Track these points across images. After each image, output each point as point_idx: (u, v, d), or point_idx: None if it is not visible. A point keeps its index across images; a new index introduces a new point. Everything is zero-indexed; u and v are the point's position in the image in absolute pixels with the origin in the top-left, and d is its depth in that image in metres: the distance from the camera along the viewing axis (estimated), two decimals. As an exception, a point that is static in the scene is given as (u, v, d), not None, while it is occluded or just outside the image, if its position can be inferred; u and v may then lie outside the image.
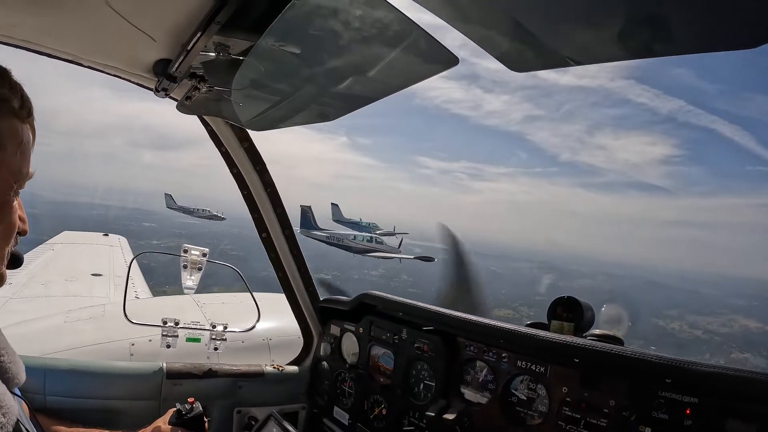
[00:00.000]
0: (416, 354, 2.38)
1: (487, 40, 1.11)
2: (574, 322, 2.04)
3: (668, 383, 1.52)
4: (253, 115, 2.11)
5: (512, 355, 1.99)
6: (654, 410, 1.54)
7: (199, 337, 2.79)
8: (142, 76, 1.90)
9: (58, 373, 2.39)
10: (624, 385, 1.63)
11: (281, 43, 1.47)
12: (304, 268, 2.88)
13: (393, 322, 2.55)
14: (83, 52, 1.75)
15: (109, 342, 3.65)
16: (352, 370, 2.74)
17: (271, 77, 1.69)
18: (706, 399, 1.44)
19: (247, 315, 3.10)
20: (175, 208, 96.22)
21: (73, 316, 4.48)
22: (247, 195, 2.64)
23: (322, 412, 2.94)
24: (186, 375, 2.66)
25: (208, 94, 1.84)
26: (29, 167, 1.32)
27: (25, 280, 6.76)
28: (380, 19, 1.26)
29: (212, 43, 1.50)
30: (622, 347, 1.73)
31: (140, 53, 1.72)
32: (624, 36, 0.97)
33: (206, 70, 1.70)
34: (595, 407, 1.69)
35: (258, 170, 2.58)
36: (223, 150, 2.51)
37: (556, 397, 1.82)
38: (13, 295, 6.02)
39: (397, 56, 1.40)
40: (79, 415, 2.37)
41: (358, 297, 2.77)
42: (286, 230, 2.74)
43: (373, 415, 2.56)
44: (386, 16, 1.23)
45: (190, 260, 2.66)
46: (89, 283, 6.53)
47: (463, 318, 2.18)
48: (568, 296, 2.10)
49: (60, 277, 6.85)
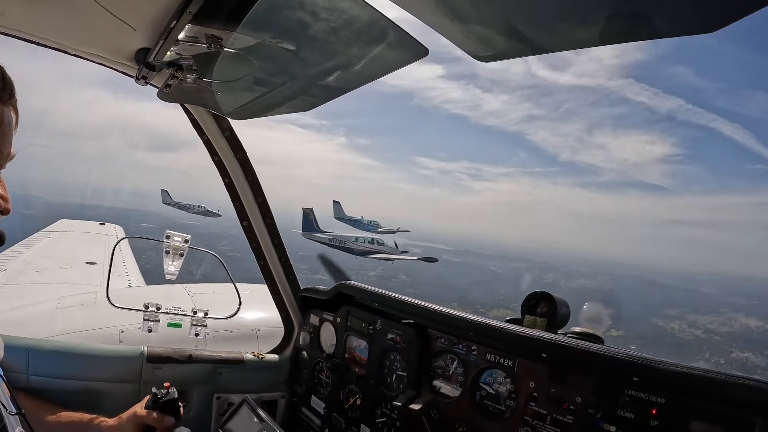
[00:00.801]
0: (389, 345, 2.39)
1: (452, 31, 1.12)
2: (547, 318, 2.06)
3: (635, 381, 1.52)
4: (232, 104, 2.15)
5: (482, 348, 2.00)
6: (620, 408, 1.53)
7: (180, 323, 2.80)
8: (124, 64, 1.94)
9: (42, 354, 2.43)
10: (591, 381, 1.63)
11: (255, 33, 1.51)
12: (285, 258, 2.90)
13: (369, 312, 2.57)
14: (69, 40, 1.81)
15: (99, 329, 3.67)
16: (329, 360, 2.76)
17: (248, 67, 1.72)
18: (673, 399, 1.44)
19: (235, 304, 3.11)
20: (171, 204, 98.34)
21: (65, 302, 4.51)
22: (229, 183, 2.66)
23: (301, 401, 2.97)
24: (166, 359, 2.69)
25: (188, 83, 1.86)
26: (10, 148, 1.35)
27: (20, 267, 6.79)
28: (350, 11, 1.30)
29: (188, 33, 1.53)
30: (589, 344, 1.73)
31: (122, 42, 1.77)
32: (592, 21, 0.97)
33: (184, 59, 1.73)
34: (560, 403, 1.70)
35: (239, 158, 2.60)
36: (205, 138, 2.54)
37: (523, 391, 1.82)
38: (8, 282, 6.05)
39: (368, 47, 1.44)
40: (62, 395, 2.40)
41: (336, 287, 2.79)
42: (267, 219, 2.76)
43: (348, 404, 2.58)
44: (356, 8, 1.26)
45: (172, 246, 2.67)
46: (84, 270, 6.54)
47: (434, 309, 2.19)
48: (542, 291, 2.11)
49: (55, 265, 6.87)
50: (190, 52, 1.65)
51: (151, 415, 2.13)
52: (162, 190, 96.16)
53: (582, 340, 1.78)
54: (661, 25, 0.92)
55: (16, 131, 1.37)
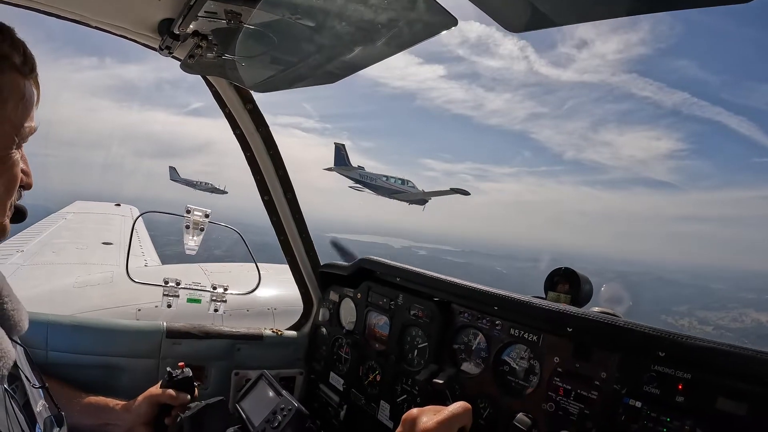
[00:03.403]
0: (411, 320, 2.38)
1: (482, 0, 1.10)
2: (571, 294, 2.03)
3: (661, 357, 1.48)
4: (255, 76, 2.13)
5: (506, 323, 1.98)
6: (645, 384, 1.50)
7: (199, 299, 2.82)
8: (146, 36, 1.93)
9: (61, 329, 2.44)
10: (616, 357, 1.60)
11: (280, 4, 1.48)
12: (305, 233, 2.88)
13: (390, 287, 2.55)
14: (90, 12, 1.79)
15: (116, 307, 3.72)
16: (348, 336, 2.75)
17: (273, 39, 1.69)
18: (699, 375, 1.41)
19: (252, 283, 3.14)
20: (179, 181, 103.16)
21: (82, 281, 4.57)
22: (250, 157, 2.65)
23: (319, 378, 2.97)
24: (185, 335, 2.70)
25: (211, 55, 1.85)
26: (32, 122, 1.36)
27: (37, 248, 6.89)
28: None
29: (214, 2, 1.51)
30: (614, 317, 1.71)
31: (145, 12, 1.76)
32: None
33: (209, 29, 1.72)
34: (585, 379, 1.67)
35: (261, 132, 2.59)
36: (227, 111, 2.52)
37: (547, 367, 1.80)
38: (25, 262, 6.14)
39: (394, 16, 1.40)
40: (80, 370, 2.42)
41: (358, 262, 2.78)
42: (288, 193, 2.75)
43: (368, 381, 2.57)
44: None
45: (192, 221, 2.68)
46: (100, 251, 6.63)
47: (458, 284, 2.17)
48: (566, 267, 2.09)
49: (72, 245, 6.97)
50: (215, 22, 1.64)
51: (167, 393, 2.16)
52: (170, 167, 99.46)
53: None
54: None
55: (37, 106, 1.37)
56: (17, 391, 1.46)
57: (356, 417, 2.67)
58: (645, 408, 1.49)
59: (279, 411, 2.08)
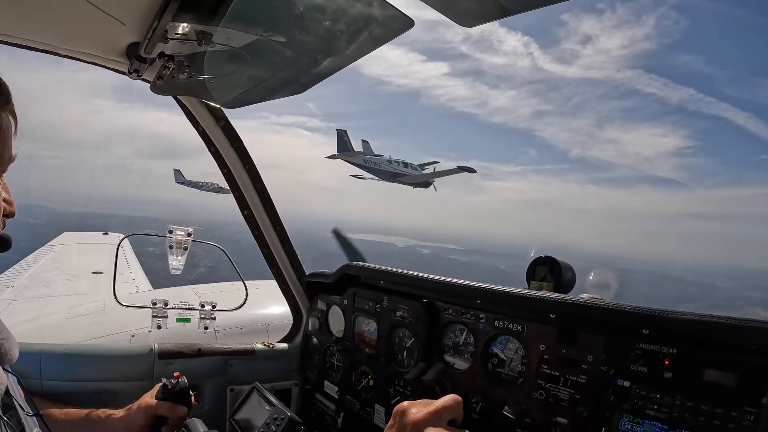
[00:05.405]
0: (398, 321, 2.40)
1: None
2: (552, 282, 2.05)
3: (645, 334, 1.49)
4: (224, 93, 2.17)
5: (490, 316, 1.99)
6: (632, 363, 1.51)
7: (188, 318, 2.83)
8: (115, 61, 1.96)
9: (54, 357, 2.45)
10: (601, 339, 1.61)
11: (242, 22, 1.52)
12: (288, 244, 2.90)
13: (375, 291, 2.57)
14: (58, 41, 1.82)
15: (109, 335, 3.72)
16: (339, 343, 2.77)
17: (237, 56, 1.72)
18: (684, 349, 1.42)
19: (241, 301, 3.13)
20: (184, 183, 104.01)
21: (74, 312, 4.55)
22: (227, 173, 2.67)
23: (314, 388, 2.98)
24: (177, 354, 2.70)
25: (180, 75, 1.88)
26: (11, 152, 1.37)
27: (27, 282, 6.83)
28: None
29: (177, 24, 1.54)
30: (594, 299, 1.73)
31: (112, 38, 1.78)
32: None
33: (174, 50, 1.75)
34: (573, 363, 1.68)
35: (235, 147, 2.61)
36: (201, 129, 2.54)
37: (534, 355, 1.81)
38: (16, 297, 6.08)
39: (354, 24, 1.44)
40: (75, 397, 2.41)
41: (341, 268, 2.79)
42: (267, 205, 2.76)
43: (361, 386, 2.58)
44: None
45: (175, 240, 2.69)
46: (90, 281, 6.58)
47: (439, 281, 2.19)
48: (546, 255, 2.11)
49: (62, 277, 6.91)
50: (180, 42, 1.67)
51: (164, 406, 2.14)
52: (175, 169, 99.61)
53: None
54: None
55: (15, 136, 1.38)
56: (12, 419, 1.47)
57: (353, 423, 2.68)
58: (634, 387, 1.50)
59: (272, 421, 2.09)
